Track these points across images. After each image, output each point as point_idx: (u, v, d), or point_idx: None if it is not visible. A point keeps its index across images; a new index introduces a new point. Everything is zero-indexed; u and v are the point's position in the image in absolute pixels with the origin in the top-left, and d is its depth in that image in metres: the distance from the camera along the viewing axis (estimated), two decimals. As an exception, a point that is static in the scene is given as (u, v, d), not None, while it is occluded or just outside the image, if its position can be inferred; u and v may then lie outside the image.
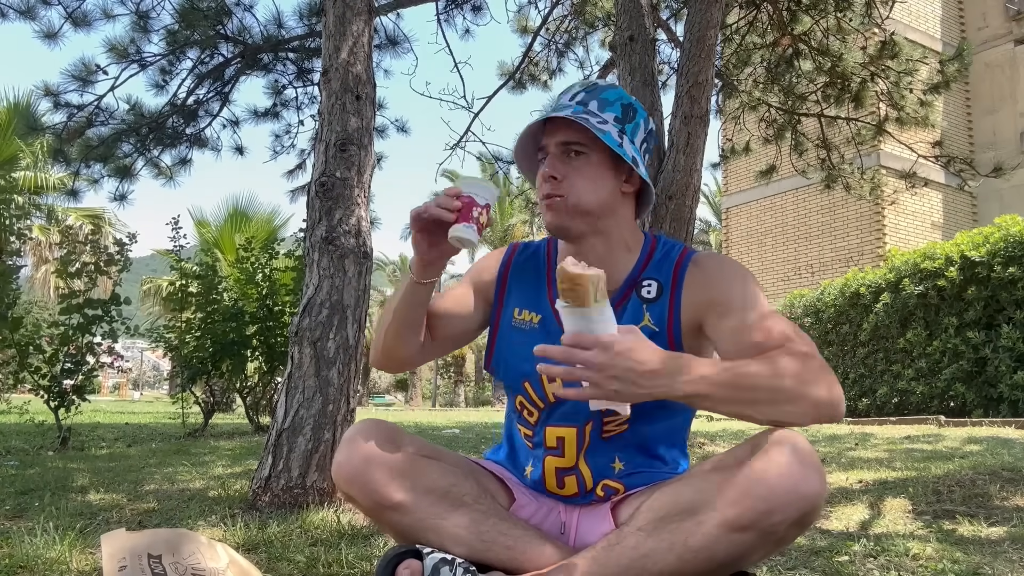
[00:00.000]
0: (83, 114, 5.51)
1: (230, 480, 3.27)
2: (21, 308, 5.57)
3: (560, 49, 7.40)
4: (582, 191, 1.29)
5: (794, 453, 1.05)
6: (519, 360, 1.36)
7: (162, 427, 7.29)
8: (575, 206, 1.29)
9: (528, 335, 1.36)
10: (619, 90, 1.36)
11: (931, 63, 6.18)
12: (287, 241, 7.54)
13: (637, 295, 1.33)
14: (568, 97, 1.35)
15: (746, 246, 15.48)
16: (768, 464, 1.05)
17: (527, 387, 1.37)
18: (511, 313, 1.41)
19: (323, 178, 2.77)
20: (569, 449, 1.34)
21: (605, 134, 1.27)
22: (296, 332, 2.69)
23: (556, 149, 1.31)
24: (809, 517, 1.06)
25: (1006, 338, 6.04)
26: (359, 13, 2.91)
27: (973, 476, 2.92)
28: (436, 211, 1.23)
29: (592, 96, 1.33)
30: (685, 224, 4.10)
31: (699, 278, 1.31)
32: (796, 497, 1.03)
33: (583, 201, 1.29)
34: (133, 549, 1.39)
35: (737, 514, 1.05)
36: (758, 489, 1.04)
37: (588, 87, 1.35)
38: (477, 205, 1.26)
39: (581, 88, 1.35)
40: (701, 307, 1.29)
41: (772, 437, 1.09)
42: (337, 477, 1.29)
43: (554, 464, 1.36)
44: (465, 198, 1.26)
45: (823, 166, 6.47)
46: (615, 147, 1.27)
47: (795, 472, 1.03)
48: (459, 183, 1.28)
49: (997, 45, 14.39)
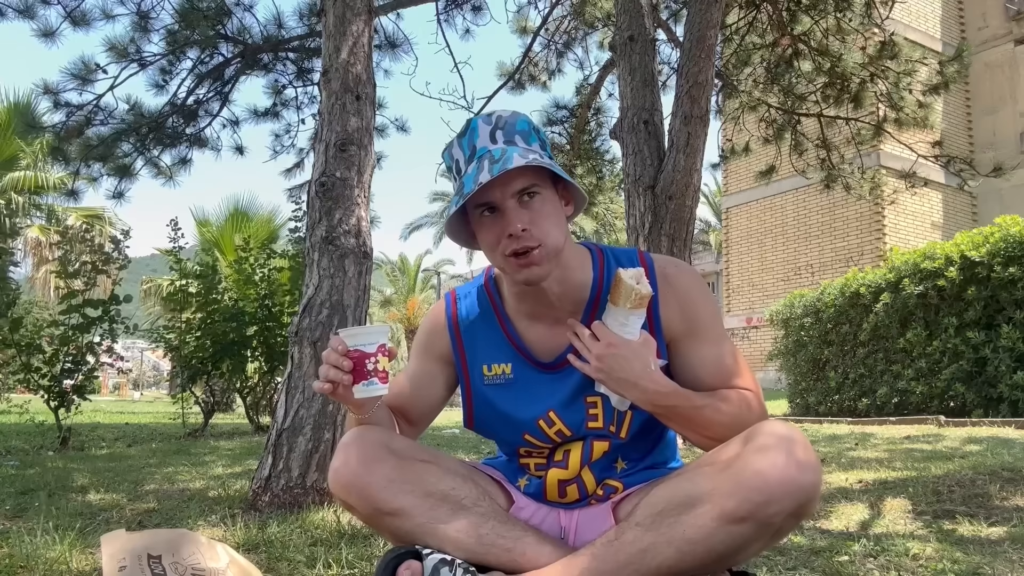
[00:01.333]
0: (82, 113, 5.51)
1: (230, 480, 3.27)
2: (21, 308, 5.57)
3: (560, 49, 7.41)
4: (553, 231, 1.20)
5: (788, 445, 1.07)
6: (507, 416, 1.35)
7: (162, 427, 7.29)
8: (554, 249, 1.21)
9: (505, 389, 1.34)
10: (520, 115, 1.27)
11: (931, 64, 6.18)
12: (282, 241, 7.54)
13: None
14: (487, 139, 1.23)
15: (746, 246, 15.48)
16: (763, 456, 1.06)
17: (529, 439, 1.35)
18: (479, 372, 1.36)
19: (323, 178, 2.77)
20: (573, 461, 1.34)
21: (556, 167, 1.20)
22: (296, 332, 2.69)
23: (511, 201, 1.19)
24: (805, 508, 1.07)
25: (1006, 338, 6.03)
26: (359, 13, 2.91)
27: (973, 476, 2.92)
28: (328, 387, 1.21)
29: (511, 131, 1.24)
30: (685, 224, 4.10)
31: (673, 296, 1.30)
32: (792, 488, 1.04)
33: (558, 240, 1.21)
34: (133, 549, 1.39)
35: (734, 506, 1.07)
36: (754, 480, 1.05)
37: (497, 124, 1.24)
38: (369, 356, 1.21)
39: (490, 126, 1.24)
40: (677, 328, 1.30)
41: (766, 430, 1.11)
42: (334, 484, 1.27)
43: (557, 476, 1.36)
44: (353, 354, 1.21)
45: (823, 166, 6.48)
46: (566, 176, 1.22)
47: (790, 463, 1.05)
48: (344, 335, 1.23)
49: (997, 45, 14.39)
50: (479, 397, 1.37)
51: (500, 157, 1.17)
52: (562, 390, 1.31)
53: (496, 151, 1.20)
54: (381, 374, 1.22)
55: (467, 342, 1.38)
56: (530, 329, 1.33)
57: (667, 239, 4.02)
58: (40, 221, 17.68)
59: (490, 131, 1.24)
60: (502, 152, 1.19)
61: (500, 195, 1.19)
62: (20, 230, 5.46)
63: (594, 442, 1.33)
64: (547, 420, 1.32)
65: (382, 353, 1.22)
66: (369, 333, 1.23)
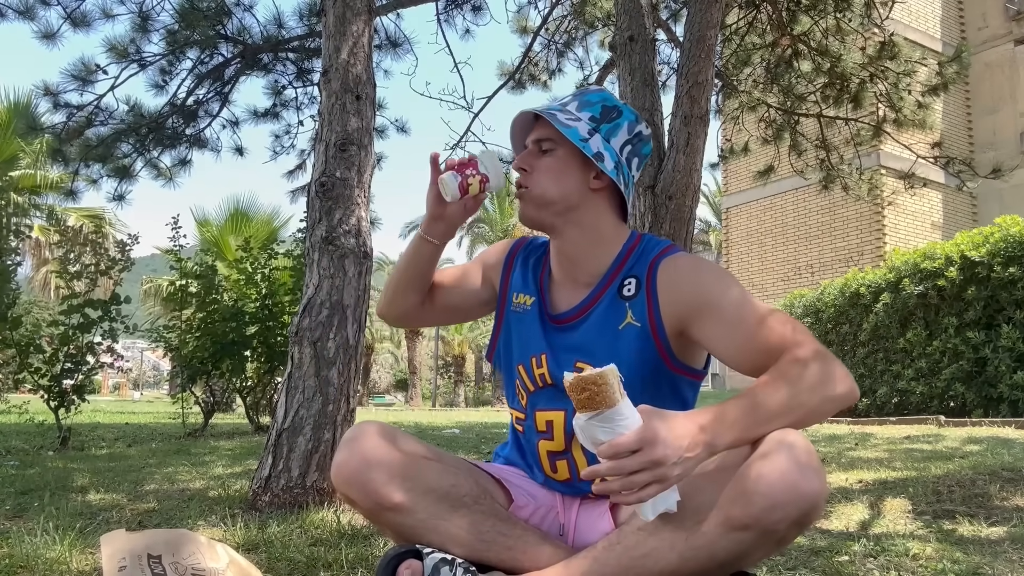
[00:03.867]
0: (83, 114, 5.50)
1: (230, 480, 3.27)
2: (21, 308, 5.57)
3: (560, 49, 7.40)
4: (546, 183, 1.35)
5: (794, 453, 1.05)
6: (514, 345, 1.44)
7: (162, 427, 7.29)
8: (539, 197, 1.35)
9: (523, 318, 1.43)
10: (605, 93, 1.41)
11: (930, 64, 6.18)
12: (287, 241, 7.54)
13: (618, 293, 1.33)
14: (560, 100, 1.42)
15: (746, 246, 15.48)
16: (769, 463, 1.04)
17: (520, 371, 1.41)
18: (511, 298, 1.48)
19: (323, 178, 2.77)
20: (558, 432, 1.35)
21: (570, 130, 1.32)
22: (296, 332, 2.69)
23: (531, 146, 1.39)
24: (809, 516, 1.05)
25: (1006, 338, 6.04)
26: (359, 13, 2.91)
27: (973, 476, 2.92)
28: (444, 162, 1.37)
29: (576, 98, 1.40)
30: (685, 224, 4.10)
31: (672, 278, 1.30)
32: (797, 496, 1.03)
33: (547, 193, 1.35)
34: (133, 549, 1.39)
35: (738, 513, 1.05)
36: (759, 488, 1.03)
37: (579, 91, 1.43)
38: (476, 170, 1.35)
39: (574, 91, 1.44)
40: (681, 310, 1.27)
41: (772, 436, 1.08)
42: (336, 479, 1.28)
43: (546, 448, 1.37)
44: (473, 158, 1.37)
45: (822, 167, 6.47)
46: (577, 142, 1.31)
47: (795, 471, 1.03)
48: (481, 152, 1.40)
49: (997, 45, 14.39)
50: (506, 321, 1.48)
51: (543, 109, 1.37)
52: (557, 344, 1.38)
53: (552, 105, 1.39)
54: (466, 186, 1.34)
55: (514, 272, 1.50)
56: (557, 282, 1.43)
57: (667, 239, 4.02)
58: (40, 221, 17.68)
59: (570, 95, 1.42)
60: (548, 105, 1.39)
61: (523, 137, 1.42)
62: (23, 231, 5.44)
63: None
64: (537, 360, 1.39)
65: (482, 184, 1.36)
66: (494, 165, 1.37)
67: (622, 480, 1.00)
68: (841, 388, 1.13)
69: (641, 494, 1.01)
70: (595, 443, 1.03)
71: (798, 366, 1.13)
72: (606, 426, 1.01)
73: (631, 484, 1.00)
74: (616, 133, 1.36)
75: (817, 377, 1.12)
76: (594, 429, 1.02)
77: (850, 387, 1.15)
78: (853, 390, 1.15)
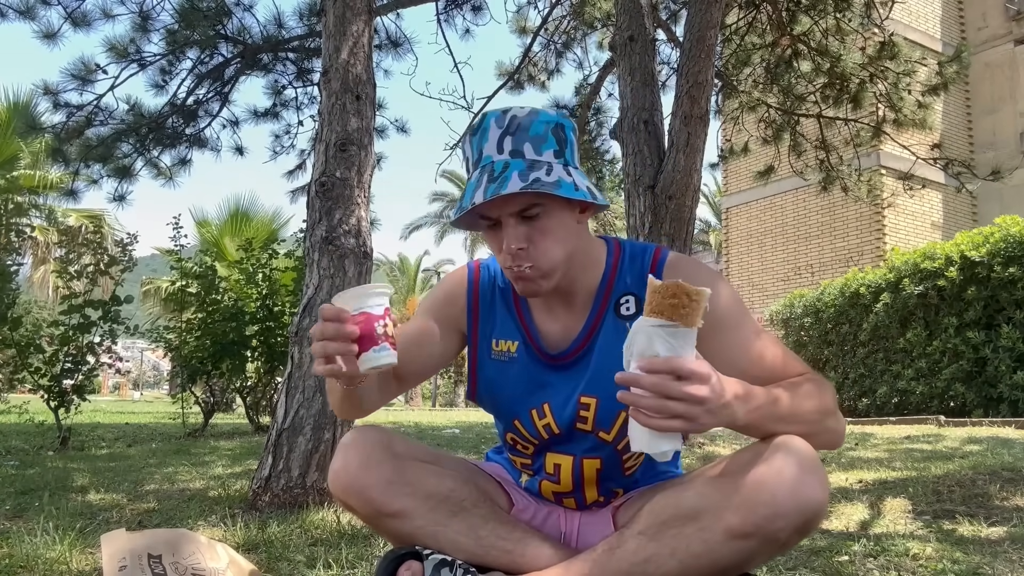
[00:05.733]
0: (83, 114, 5.51)
1: (230, 480, 3.27)
2: (21, 308, 5.57)
3: (559, 49, 7.42)
4: (552, 251, 1.18)
5: (797, 459, 1.04)
6: (505, 396, 1.33)
7: (162, 427, 7.29)
8: (550, 269, 1.19)
9: (508, 368, 1.33)
10: (540, 114, 1.19)
11: (930, 64, 6.19)
12: (287, 241, 7.54)
13: (616, 313, 1.27)
14: (494, 147, 1.17)
15: (746, 246, 15.48)
16: (771, 470, 1.04)
17: (517, 425, 1.34)
18: (488, 344, 1.35)
19: (323, 178, 2.77)
20: (565, 476, 1.33)
21: (559, 186, 1.12)
22: (296, 332, 2.69)
23: (511, 219, 1.16)
24: (812, 524, 1.05)
25: (1006, 338, 6.04)
26: (359, 13, 2.91)
27: (973, 476, 2.93)
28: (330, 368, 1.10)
29: (522, 138, 1.16)
30: (685, 224, 4.11)
31: None
32: (799, 504, 1.02)
33: (556, 260, 1.18)
34: (133, 549, 1.39)
35: (740, 520, 1.04)
36: (761, 496, 1.03)
37: (510, 127, 1.17)
38: (377, 318, 1.08)
39: (501, 130, 1.17)
40: None
41: (775, 443, 1.08)
42: (334, 486, 1.26)
43: (551, 489, 1.35)
44: (359, 318, 1.07)
45: (822, 167, 6.48)
46: (571, 193, 1.13)
47: (798, 479, 1.02)
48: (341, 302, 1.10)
49: (997, 45, 14.38)
50: (483, 370, 1.35)
51: (499, 175, 1.13)
52: (561, 384, 1.29)
53: (499, 164, 1.15)
54: (390, 339, 1.08)
55: (483, 312, 1.35)
56: (544, 316, 1.31)
57: (667, 239, 4.03)
58: (40, 221, 17.67)
59: (499, 136, 1.17)
60: (504, 167, 1.14)
61: (498, 212, 1.16)
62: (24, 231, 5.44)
63: (584, 460, 1.31)
64: (539, 411, 1.31)
65: (389, 314, 1.10)
66: (373, 294, 1.08)
67: (658, 401, 0.95)
68: (840, 426, 1.19)
69: (666, 423, 0.96)
70: (646, 352, 0.95)
71: (816, 386, 1.17)
72: (672, 342, 0.95)
73: (664, 408, 0.95)
74: (574, 152, 1.22)
75: (831, 405, 1.17)
76: (657, 339, 0.95)
77: (844, 432, 1.20)
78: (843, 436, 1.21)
